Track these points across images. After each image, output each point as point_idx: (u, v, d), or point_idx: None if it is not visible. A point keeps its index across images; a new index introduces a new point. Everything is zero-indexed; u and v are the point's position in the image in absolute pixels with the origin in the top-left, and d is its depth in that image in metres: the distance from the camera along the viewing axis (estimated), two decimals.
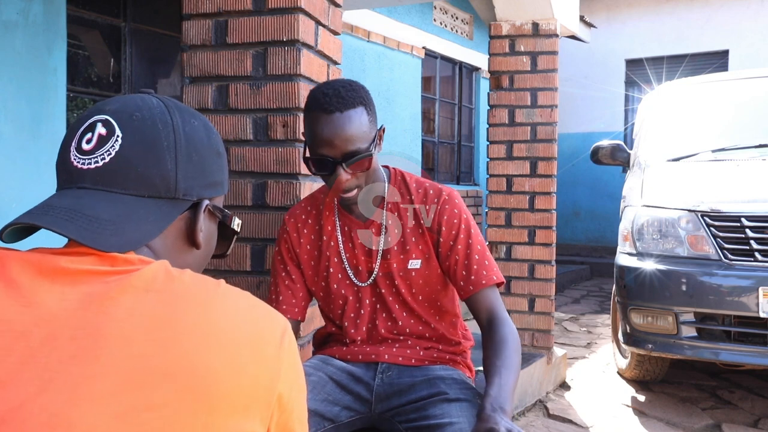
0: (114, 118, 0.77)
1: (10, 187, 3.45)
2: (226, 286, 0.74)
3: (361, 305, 1.55)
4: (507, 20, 3.57)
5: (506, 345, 1.40)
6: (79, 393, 0.62)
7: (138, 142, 0.76)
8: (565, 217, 9.00)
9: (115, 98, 0.82)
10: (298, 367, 0.76)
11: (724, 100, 4.26)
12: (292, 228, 1.59)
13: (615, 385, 3.83)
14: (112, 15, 4.14)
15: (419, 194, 1.55)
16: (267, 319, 0.73)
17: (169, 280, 0.70)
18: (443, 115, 7.97)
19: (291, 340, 0.74)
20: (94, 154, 0.76)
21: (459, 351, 1.61)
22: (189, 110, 0.84)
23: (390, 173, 1.59)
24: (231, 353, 0.67)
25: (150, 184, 0.77)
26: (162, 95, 0.84)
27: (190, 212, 0.83)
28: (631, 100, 9.36)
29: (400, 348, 1.56)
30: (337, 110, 1.38)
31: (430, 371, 1.52)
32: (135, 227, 0.75)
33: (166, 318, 0.66)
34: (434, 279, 1.54)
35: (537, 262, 3.55)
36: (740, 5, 8.67)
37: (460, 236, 1.51)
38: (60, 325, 0.65)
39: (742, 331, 3.14)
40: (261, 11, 1.75)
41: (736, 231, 3.21)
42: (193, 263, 0.86)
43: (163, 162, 0.78)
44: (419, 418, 1.42)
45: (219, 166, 0.87)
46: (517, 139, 3.57)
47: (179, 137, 0.79)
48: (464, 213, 1.54)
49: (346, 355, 1.58)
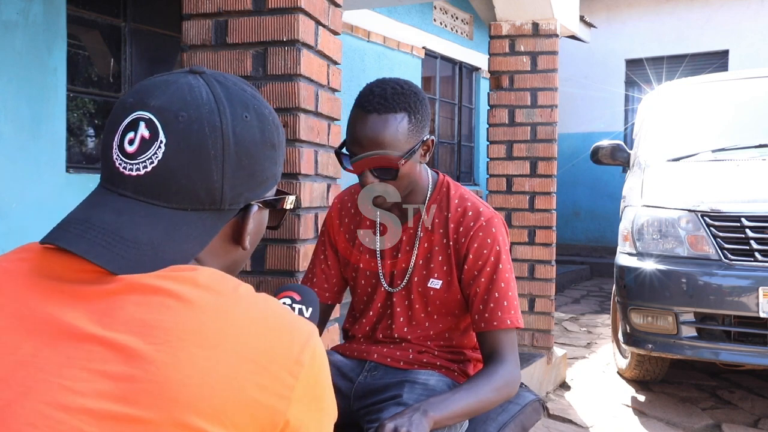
0: (158, 119, 0.71)
1: (10, 188, 3.45)
2: (245, 291, 0.68)
3: (372, 305, 1.55)
4: (507, 20, 3.57)
5: (486, 378, 1.35)
6: (60, 397, 0.60)
7: (182, 150, 0.71)
8: (565, 217, 9.00)
9: (159, 85, 0.74)
10: (320, 388, 0.68)
11: (724, 100, 4.26)
12: (335, 213, 1.59)
13: (615, 385, 3.83)
14: (112, 15, 4.14)
15: (457, 213, 1.48)
16: (284, 334, 0.66)
17: (180, 282, 0.66)
18: (443, 115, 7.96)
19: (313, 356, 0.67)
20: (137, 160, 0.71)
21: (459, 359, 1.54)
22: (242, 97, 0.76)
23: (437, 180, 1.53)
24: (229, 369, 0.62)
25: (193, 197, 0.72)
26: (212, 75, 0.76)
27: (237, 216, 0.78)
28: (631, 100, 9.36)
29: (391, 349, 1.53)
30: (376, 111, 1.34)
31: (412, 375, 1.47)
32: (176, 248, 0.71)
33: (162, 323, 0.63)
34: (452, 303, 1.48)
35: (537, 262, 3.55)
36: (740, 5, 8.67)
37: (485, 269, 1.43)
38: (66, 326, 0.64)
39: (742, 331, 3.14)
40: (261, 11, 1.75)
41: (736, 231, 3.21)
42: (238, 260, 0.82)
43: (209, 173, 0.72)
44: (374, 420, 1.38)
45: (273, 160, 0.79)
46: (517, 139, 3.57)
47: (228, 143, 0.72)
48: (497, 244, 1.44)
49: (345, 350, 1.59)
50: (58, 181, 3.72)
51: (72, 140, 4.00)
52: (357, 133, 1.36)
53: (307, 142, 1.79)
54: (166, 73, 0.77)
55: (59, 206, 3.64)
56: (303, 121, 1.76)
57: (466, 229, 1.45)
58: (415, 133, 1.38)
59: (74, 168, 3.90)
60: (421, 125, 1.40)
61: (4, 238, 3.36)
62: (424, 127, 1.41)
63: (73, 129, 4.02)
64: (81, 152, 4.14)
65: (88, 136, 4.26)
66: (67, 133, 3.81)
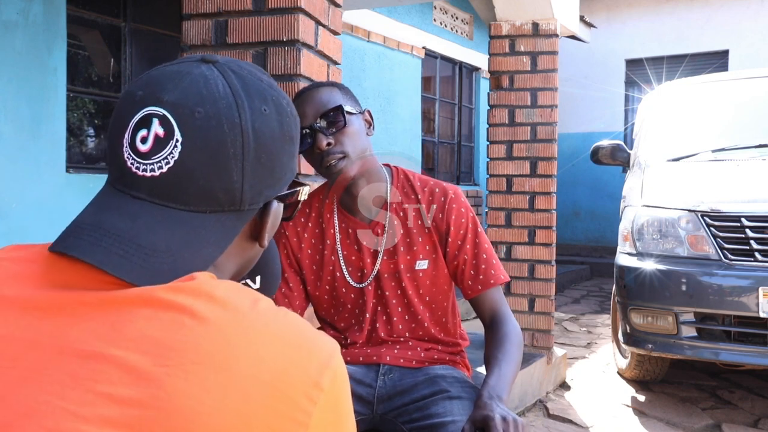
0: (173, 115, 0.66)
1: (10, 188, 3.45)
2: (264, 309, 0.62)
3: (364, 308, 1.54)
4: (507, 20, 3.57)
5: (508, 340, 1.44)
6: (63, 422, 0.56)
7: (200, 150, 0.66)
8: (565, 217, 9.00)
9: (171, 77, 0.69)
10: (340, 413, 0.63)
11: (724, 100, 4.26)
12: (292, 233, 1.56)
13: (615, 385, 3.83)
14: (112, 15, 4.14)
15: (425, 193, 1.53)
16: (302, 354, 0.61)
17: (195, 296, 0.60)
18: (443, 115, 7.97)
19: (333, 379, 0.61)
20: (151, 159, 0.66)
21: (457, 351, 1.61)
22: (259, 89, 0.71)
23: (392, 172, 1.57)
24: (243, 394, 0.57)
25: (212, 199, 0.68)
26: (227, 65, 0.71)
27: (255, 215, 0.74)
28: (631, 100, 9.37)
29: (401, 350, 1.55)
30: (307, 90, 1.44)
31: (431, 371, 1.52)
32: (194, 254, 0.67)
33: (175, 343, 0.58)
34: (441, 280, 1.54)
35: (537, 262, 3.55)
36: (740, 5, 8.67)
37: (468, 236, 1.51)
38: (71, 339, 0.59)
39: (742, 331, 3.14)
40: (261, 11, 1.75)
41: (736, 231, 3.21)
42: (253, 257, 0.79)
43: (228, 173, 0.68)
44: (422, 417, 1.42)
45: (291, 153, 0.74)
46: (517, 139, 3.57)
47: (248, 140, 0.68)
48: (470, 212, 1.54)
49: (346, 357, 1.57)
50: (58, 181, 3.72)
51: (72, 140, 4.00)
52: (300, 111, 1.39)
53: None
54: (176, 62, 0.72)
55: (59, 206, 3.64)
56: None
57: (439, 206, 1.52)
58: (349, 97, 1.47)
59: (74, 168, 3.90)
60: (353, 97, 1.49)
61: (4, 238, 3.36)
62: (356, 99, 1.50)
63: (73, 129, 4.02)
64: (81, 152, 4.14)
65: (89, 136, 4.26)
66: (67, 133, 3.81)
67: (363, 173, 1.47)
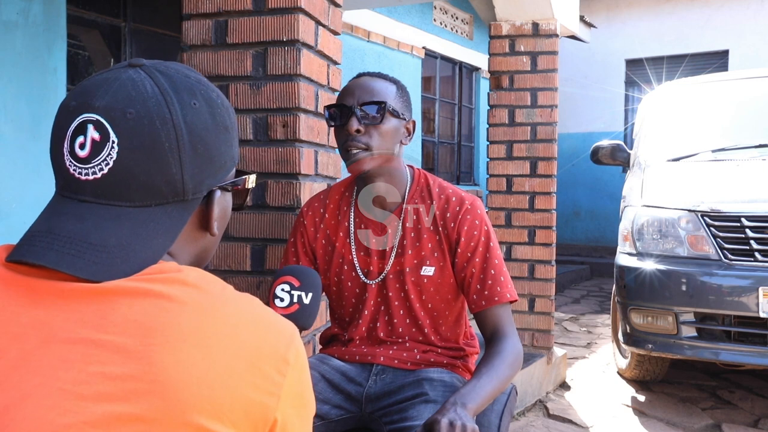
0: (106, 119, 0.69)
1: (10, 187, 3.45)
2: (232, 292, 0.70)
3: (365, 305, 1.54)
4: (507, 20, 3.57)
5: (499, 356, 1.39)
6: (62, 400, 0.60)
7: (136, 147, 0.70)
8: (565, 217, 9.00)
9: (100, 84, 0.72)
10: (304, 386, 0.72)
11: (724, 100, 4.26)
12: (309, 222, 1.59)
13: (615, 385, 3.83)
14: (112, 15, 4.14)
15: (441, 200, 1.52)
16: (271, 333, 0.69)
17: (169, 284, 0.66)
18: (443, 115, 7.97)
19: (297, 354, 0.70)
20: (91, 163, 0.70)
21: (460, 355, 1.58)
22: (187, 85, 0.74)
23: (414, 174, 1.56)
24: (225, 367, 0.64)
25: (155, 192, 0.72)
26: (153, 66, 0.75)
27: (202, 204, 0.78)
28: (631, 100, 9.37)
29: (397, 350, 1.54)
30: (368, 75, 1.47)
31: (422, 374, 1.50)
32: (146, 245, 0.70)
33: (158, 324, 0.63)
34: (446, 288, 1.52)
35: (537, 262, 3.55)
36: (740, 5, 8.67)
37: (479, 249, 1.48)
38: (55, 329, 0.63)
39: (742, 331, 3.14)
40: (261, 11, 1.75)
41: (736, 231, 3.21)
42: (208, 247, 0.83)
43: (167, 166, 0.71)
44: (399, 419, 1.40)
45: (228, 142, 0.79)
46: (517, 139, 3.57)
47: (181, 132, 0.71)
48: (486, 225, 1.50)
49: (344, 354, 1.58)
50: None
51: None
52: (350, 86, 1.46)
53: (307, 142, 1.79)
54: (104, 70, 0.75)
55: None
56: (303, 121, 1.76)
57: (453, 214, 1.50)
58: (401, 102, 1.47)
59: None
60: (406, 103, 1.50)
61: (4, 238, 3.36)
62: (408, 107, 1.50)
63: None
64: None
65: None
66: None
67: (381, 173, 1.48)
